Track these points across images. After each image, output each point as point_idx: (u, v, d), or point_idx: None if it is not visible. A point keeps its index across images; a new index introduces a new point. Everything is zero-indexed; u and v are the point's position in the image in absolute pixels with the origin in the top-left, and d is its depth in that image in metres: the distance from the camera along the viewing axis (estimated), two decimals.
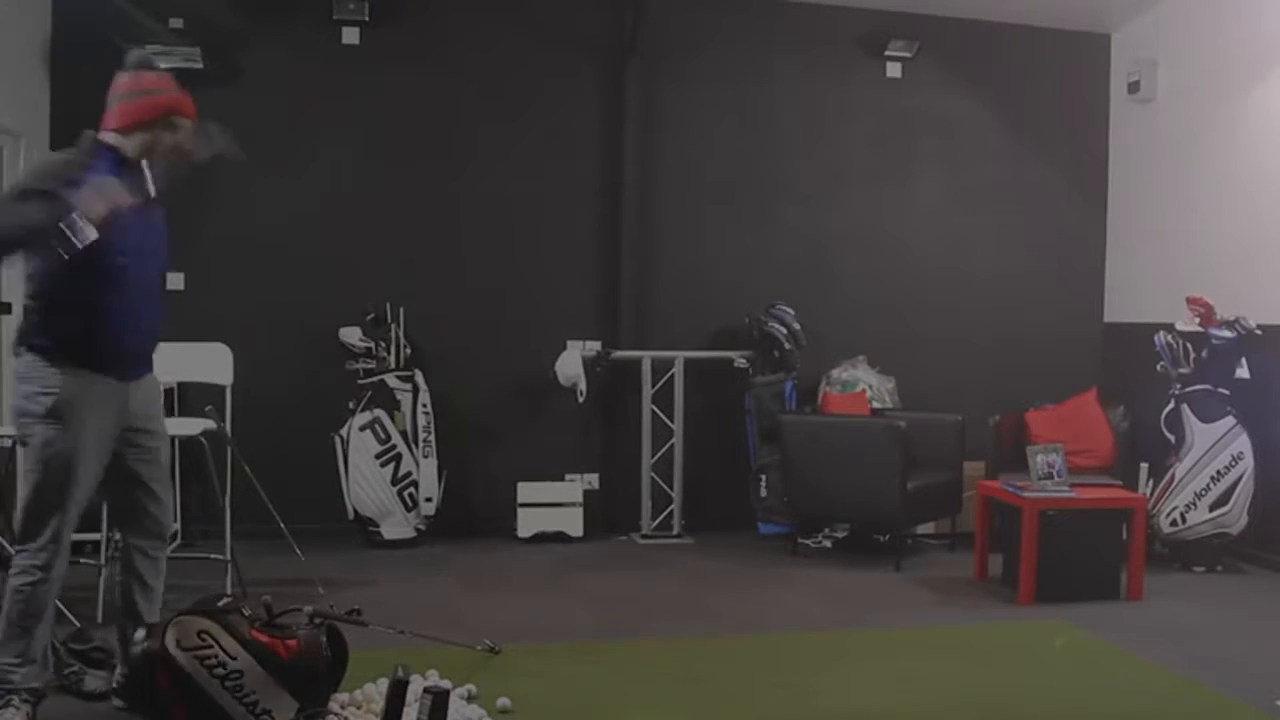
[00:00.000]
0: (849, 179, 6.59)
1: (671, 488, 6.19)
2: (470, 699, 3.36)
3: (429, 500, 5.75)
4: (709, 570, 5.35)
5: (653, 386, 6.17)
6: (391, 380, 5.70)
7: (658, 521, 6.18)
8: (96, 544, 4.60)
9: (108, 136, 3.10)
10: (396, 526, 5.72)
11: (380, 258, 5.99)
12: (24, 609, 3.01)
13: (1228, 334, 5.40)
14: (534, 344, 6.12)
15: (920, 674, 3.64)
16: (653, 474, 6.18)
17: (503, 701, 3.34)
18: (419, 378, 5.77)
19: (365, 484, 5.64)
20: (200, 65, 5.56)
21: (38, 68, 5.46)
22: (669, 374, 6.19)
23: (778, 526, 6.01)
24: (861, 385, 6.17)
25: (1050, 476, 4.86)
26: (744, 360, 6.24)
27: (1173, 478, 5.44)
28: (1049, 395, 6.26)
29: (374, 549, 5.67)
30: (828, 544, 5.95)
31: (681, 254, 6.35)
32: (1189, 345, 5.56)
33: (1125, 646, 4.08)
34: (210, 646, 2.92)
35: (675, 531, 6.12)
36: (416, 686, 3.13)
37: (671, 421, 6.19)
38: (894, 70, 6.60)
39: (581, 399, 6.04)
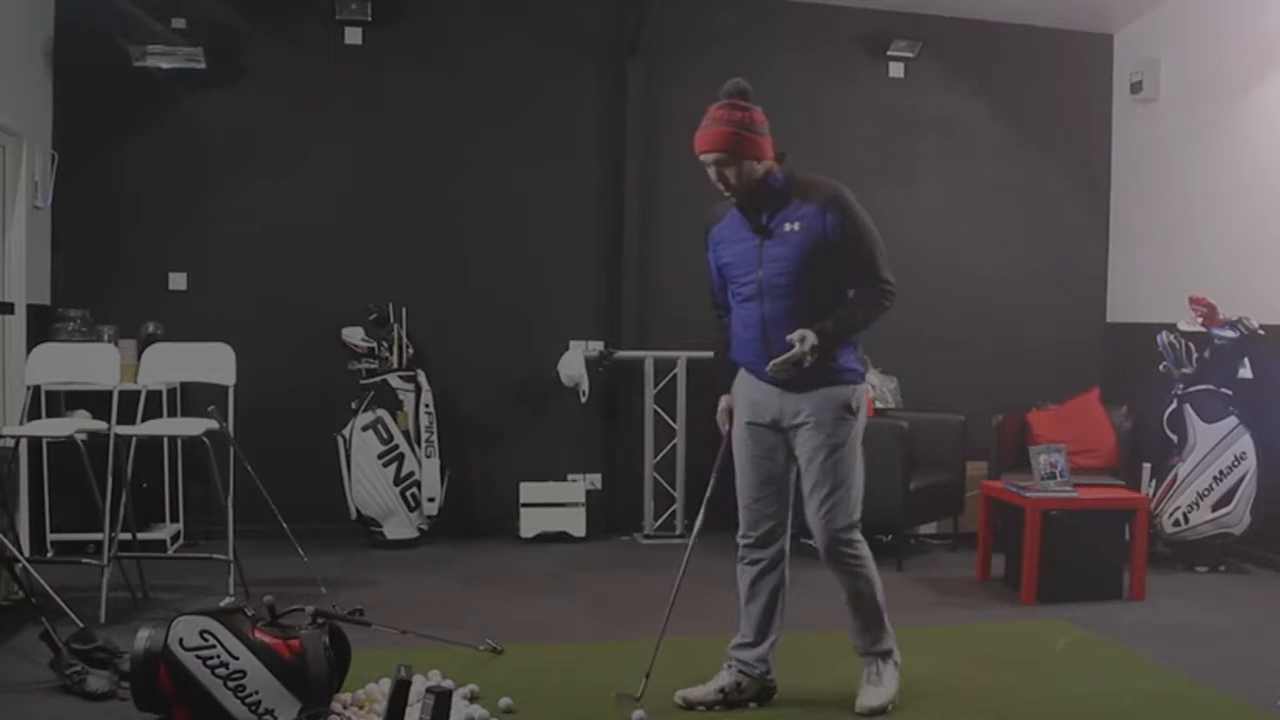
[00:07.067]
0: (851, 179, 6.31)
1: (674, 488, 6.19)
2: (473, 699, 3.37)
3: (431, 500, 5.75)
4: (711, 570, 5.31)
5: (655, 386, 6.17)
6: (394, 380, 5.70)
7: (660, 522, 6.18)
8: (98, 544, 4.61)
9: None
10: (399, 526, 5.72)
11: (382, 258, 6.00)
12: None
13: (1230, 334, 5.39)
14: (536, 344, 6.13)
15: (922, 674, 3.63)
16: (655, 474, 6.18)
17: (505, 702, 3.34)
18: (421, 378, 5.77)
19: (368, 484, 5.65)
20: (203, 65, 5.57)
21: (40, 67, 5.46)
22: (671, 374, 6.19)
23: None
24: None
25: (1053, 476, 4.86)
26: None
27: (1175, 478, 5.44)
28: (1051, 395, 6.25)
29: (376, 549, 5.67)
30: None
31: (683, 253, 6.31)
32: (1192, 345, 5.54)
33: (1127, 646, 4.08)
34: (213, 646, 2.92)
35: (678, 532, 6.11)
36: (419, 686, 3.13)
37: (674, 421, 6.19)
38: (896, 70, 6.60)
39: (584, 399, 6.04)
